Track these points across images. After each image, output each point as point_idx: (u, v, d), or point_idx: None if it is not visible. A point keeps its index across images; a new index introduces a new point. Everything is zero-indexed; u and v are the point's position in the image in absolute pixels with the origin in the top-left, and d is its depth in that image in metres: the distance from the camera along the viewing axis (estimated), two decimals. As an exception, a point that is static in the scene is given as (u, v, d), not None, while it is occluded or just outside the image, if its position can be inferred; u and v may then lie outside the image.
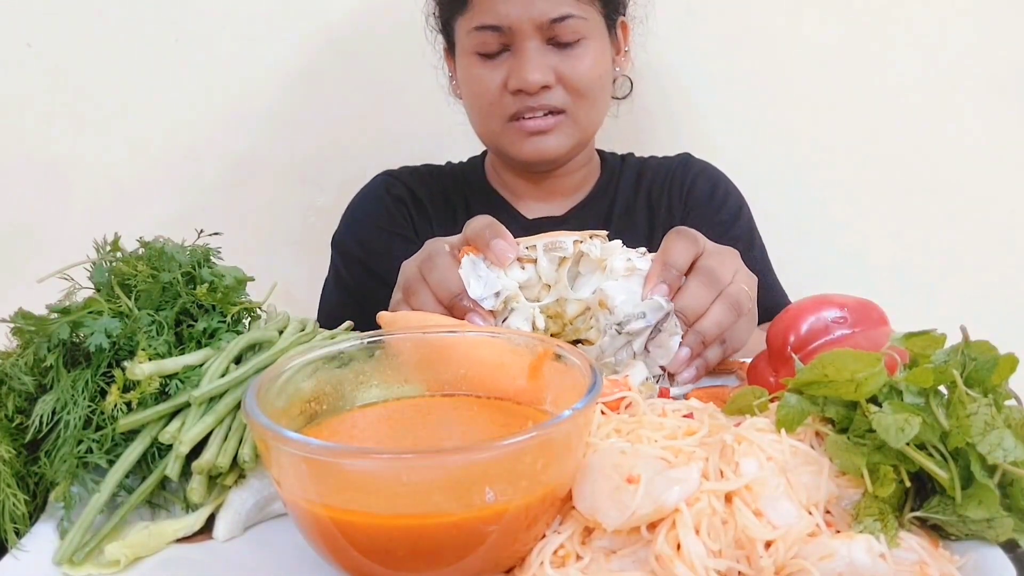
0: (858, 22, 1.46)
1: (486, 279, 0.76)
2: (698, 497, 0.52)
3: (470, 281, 0.75)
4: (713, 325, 0.75)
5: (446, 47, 1.27)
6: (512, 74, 1.14)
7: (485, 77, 1.16)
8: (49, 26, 1.44)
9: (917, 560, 0.51)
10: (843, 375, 0.56)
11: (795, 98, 1.49)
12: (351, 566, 0.52)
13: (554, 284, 0.78)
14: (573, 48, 1.15)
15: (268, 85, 1.49)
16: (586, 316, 0.78)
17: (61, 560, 0.57)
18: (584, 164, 1.30)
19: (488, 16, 1.13)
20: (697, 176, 1.32)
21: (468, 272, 0.76)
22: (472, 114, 1.24)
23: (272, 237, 1.55)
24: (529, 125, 1.16)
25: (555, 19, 1.12)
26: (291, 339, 0.71)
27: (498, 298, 0.76)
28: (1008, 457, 0.51)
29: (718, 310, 0.75)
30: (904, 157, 1.49)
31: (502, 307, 0.76)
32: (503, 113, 1.17)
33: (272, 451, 0.50)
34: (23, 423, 0.63)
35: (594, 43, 1.17)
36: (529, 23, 1.12)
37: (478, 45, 1.15)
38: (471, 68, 1.18)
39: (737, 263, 0.80)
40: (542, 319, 0.77)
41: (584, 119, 1.19)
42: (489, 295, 0.75)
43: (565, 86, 1.15)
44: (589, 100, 1.18)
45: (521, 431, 0.48)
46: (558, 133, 1.18)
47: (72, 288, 0.68)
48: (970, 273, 1.51)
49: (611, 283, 0.75)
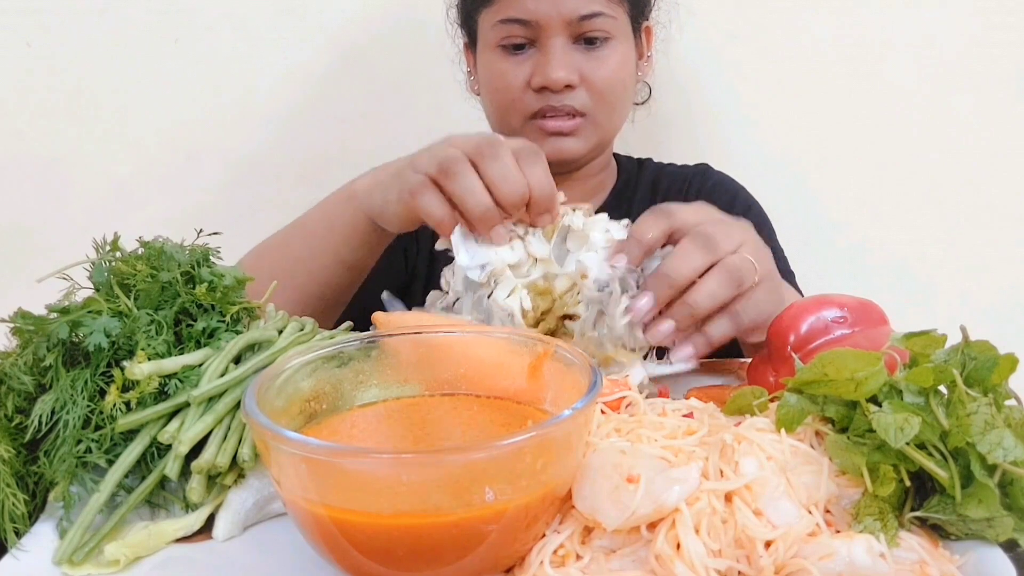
0: (862, 26, 1.46)
1: (474, 251, 0.74)
2: (698, 497, 0.52)
3: (460, 250, 0.74)
4: (706, 296, 0.70)
5: (466, 42, 1.25)
6: (537, 71, 1.11)
7: (508, 72, 1.14)
8: (49, 26, 1.44)
9: (917, 560, 0.51)
10: (843, 375, 0.56)
11: (796, 100, 1.49)
12: (351, 566, 0.52)
13: (542, 259, 0.77)
14: (599, 48, 1.13)
15: (268, 85, 1.49)
16: (574, 291, 0.76)
17: (61, 560, 0.57)
18: (601, 168, 1.28)
19: (516, 10, 1.11)
20: (715, 187, 1.29)
21: (459, 241, 0.74)
22: (491, 110, 1.21)
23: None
24: (550, 125, 1.14)
25: (584, 16, 1.10)
26: (290, 339, 0.71)
27: (483, 271, 0.74)
28: (1008, 457, 0.51)
29: (713, 280, 0.70)
30: (905, 157, 1.49)
31: (486, 280, 0.75)
32: (524, 110, 1.14)
33: (272, 451, 0.50)
34: (22, 423, 0.63)
35: (620, 45, 1.15)
36: (558, 19, 1.10)
37: (503, 38, 1.13)
38: (494, 63, 1.15)
39: (746, 234, 0.74)
40: (528, 298, 0.75)
41: (605, 123, 1.18)
42: (475, 266, 0.74)
43: (588, 88, 1.13)
44: (611, 103, 1.16)
45: (521, 431, 0.48)
46: (578, 136, 1.16)
47: (71, 288, 0.68)
48: (970, 273, 1.51)
49: (590, 255, 0.73)
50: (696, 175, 1.32)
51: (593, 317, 0.74)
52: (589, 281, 0.73)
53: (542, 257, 0.76)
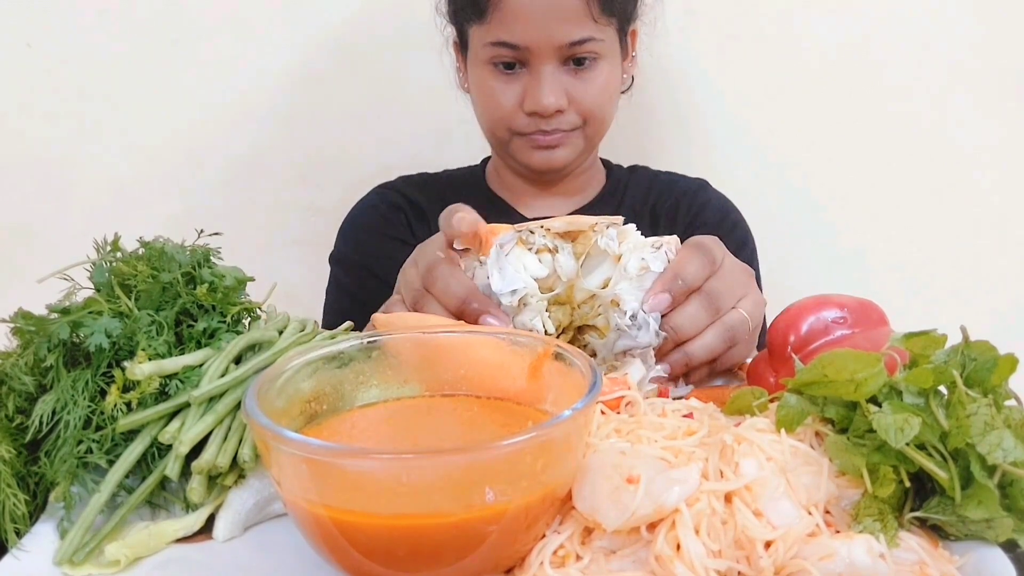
0: (858, 24, 1.46)
1: (509, 276, 0.74)
2: (698, 497, 0.52)
3: (493, 273, 0.73)
4: (702, 349, 0.74)
5: (456, 40, 1.26)
6: (528, 96, 1.14)
7: (499, 92, 1.17)
8: (49, 26, 1.44)
9: (917, 560, 0.51)
10: (843, 375, 0.56)
11: (795, 99, 1.49)
12: (351, 566, 0.52)
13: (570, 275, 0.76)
14: (587, 70, 1.15)
15: (268, 85, 1.49)
16: (593, 303, 0.77)
17: (61, 560, 0.57)
18: (588, 167, 1.30)
19: (508, 34, 1.13)
20: (708, 202, 1.32)
21: (493, 265, 0.73)
22: (482, 120, 1.24)
23: (273, 237, 1.55)
24: (540, 140, 1.18)
25: (575, 42, 1.12)
26: (291, 339, 0.71)
27: (515, 295, 0.73)
28: (1008, 457, 0.51)
29: (711, 336, 0.74)
30: (905, 157, 1.49)
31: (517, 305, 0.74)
32: (514, 128, 1.18)
33: (272, 451, 0.50)
34: (23, 423, 0.63)
35: (608, 62, 1.17)
36: (548, 45, 1.12)
37: (493, 57, 1.15)
38: (485, 79, 1.18)
39: (747, 288, 0.78)
40: (550, 322, 0.75)
41: (595, 134, 1.22)
42: (507, 291, 0.73)
43: (577, 108, 1.16)
44: (599, 118, 1.20)
45: (521, 431, 0.48)
46: (567, 146, 1.19)
47: (72, 288, 0.68)
48: (970, 273, 1.51)
49: (624, 284, 0.74)
50: (692, 190, 1.33)
51: (614, 343, 0.74)
52: (620, 310, 0.73)
53: (568, 277, 0.76)
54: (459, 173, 1.38)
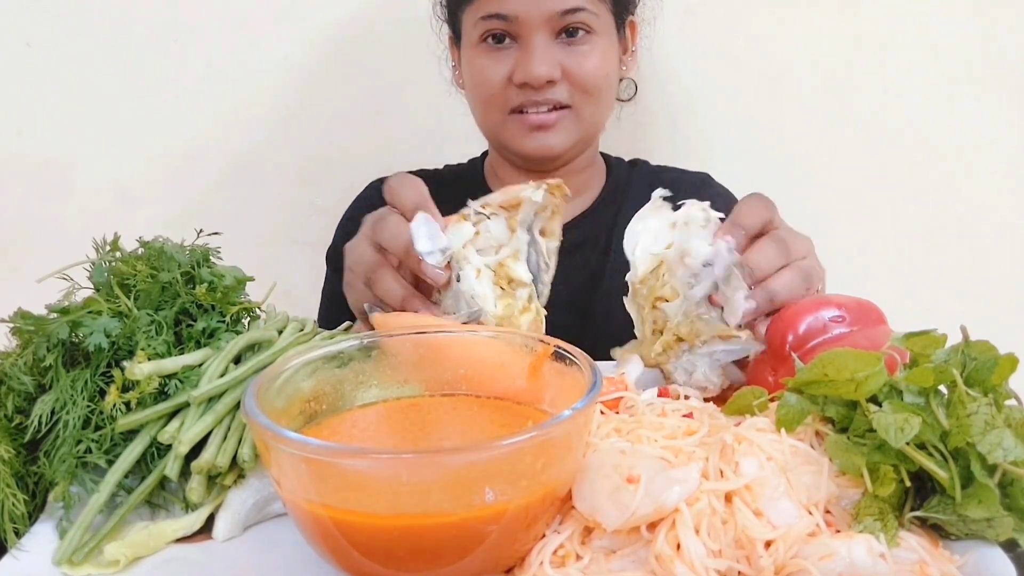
0: (858, 24, 1.46)
1: (435, 236, 0.76)
2: (698, 497, 0.52)
3: (419, 237, 0.75)
4: (783, 287, 0.74)
5: (451, 36, 1.26)
6: (518, 67, 1.13)
7: (489, 68, 1.15)
8: (49, 26, 1.44)
9: (917, 560, 0.51)
10: (843, 375, 0.56)
11: (794, 99, 1.49)
12: (351, 566, 0.52)
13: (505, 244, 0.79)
14: (581, 43, 1.14)
15: (268, 85, 1.49)
16: (658, 272, 0.78)
17: (60, 560, 0.57)
18: (587, 165, 1.29)
19: (497, 6, 1.12)
20: (714, 198, 1.31)
21: (419, 227, 0.76)
22: (474, 105, 1.23)
23: (272, 237, 1.55)
24: (532, 119, 1.15)
25: (566, 11, 1.11)
26: (290, 339, 0.71)
27: (443, 255, 0.75)
28: (1008, 457, 0.51)
29: (789, 275, 0.75)
30: (904, 157, 1.49)
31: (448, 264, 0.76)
32: (506, 105, 1.16)
33: (272, 451, 0.50)
34: (22, 423, 0.63)
35: (602, 39, 1.16)
36: (539, 15, 1.11)
37: (484, 33, 1.14)
38: (476, 58, 1.16)
39: (812, 249, 0.79)
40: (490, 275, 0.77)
41: (588, 116, 1.18)
42: (435, 250, 0.75)
43: (570, 82, 1.14)
44: (594, 97, 1.17)
45: (521, 431, 0.48)
46: (561, 129, 1.17)
47: (71, 288, 0.68)
48: (970, 273, 1.51)
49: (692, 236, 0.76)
50: (696, 184, 1.32)
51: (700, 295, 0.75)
52: (691, 259, 0.75)
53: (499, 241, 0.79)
54: (457, 169, 1.38)
